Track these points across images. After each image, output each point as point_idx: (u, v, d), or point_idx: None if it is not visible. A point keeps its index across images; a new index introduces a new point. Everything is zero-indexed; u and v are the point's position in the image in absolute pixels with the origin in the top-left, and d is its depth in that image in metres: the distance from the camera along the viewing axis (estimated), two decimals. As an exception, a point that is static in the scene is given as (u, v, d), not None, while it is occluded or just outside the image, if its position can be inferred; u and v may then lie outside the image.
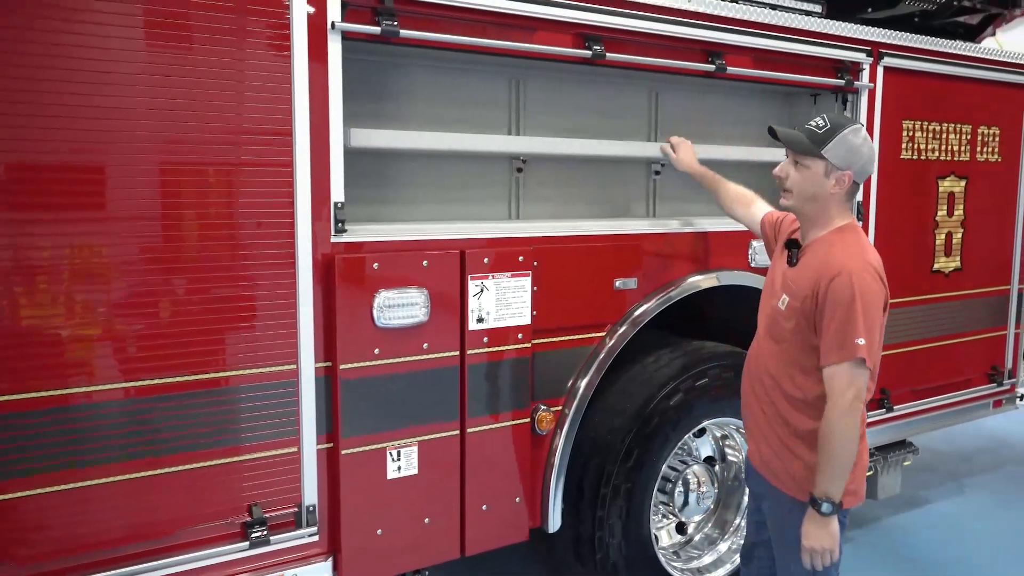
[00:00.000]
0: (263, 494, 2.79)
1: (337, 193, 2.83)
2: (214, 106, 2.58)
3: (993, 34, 5.77)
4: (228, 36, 2.58)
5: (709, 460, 4.14)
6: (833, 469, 2.65)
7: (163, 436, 2.61)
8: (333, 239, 2.83)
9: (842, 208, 2.81)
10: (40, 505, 2.44)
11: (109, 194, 2.46)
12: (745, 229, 3.62)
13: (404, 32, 2.88)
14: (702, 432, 4.06)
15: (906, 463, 4.89)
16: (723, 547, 4.07)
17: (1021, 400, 5.46)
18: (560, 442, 3.44)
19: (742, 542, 3.45)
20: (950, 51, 4.57)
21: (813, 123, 2.78)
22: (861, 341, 2.60)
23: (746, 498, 3.84)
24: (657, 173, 4.04)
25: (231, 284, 2.67)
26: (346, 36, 2.80)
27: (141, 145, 2.48)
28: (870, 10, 4.71)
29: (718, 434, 4.18)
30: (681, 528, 4.10)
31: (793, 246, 2.90)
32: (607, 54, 3.35)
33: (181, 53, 2.51)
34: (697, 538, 4.15)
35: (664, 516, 4.06)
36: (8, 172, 2.32)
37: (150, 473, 2.60)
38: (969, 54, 4.67)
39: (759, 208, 3.39)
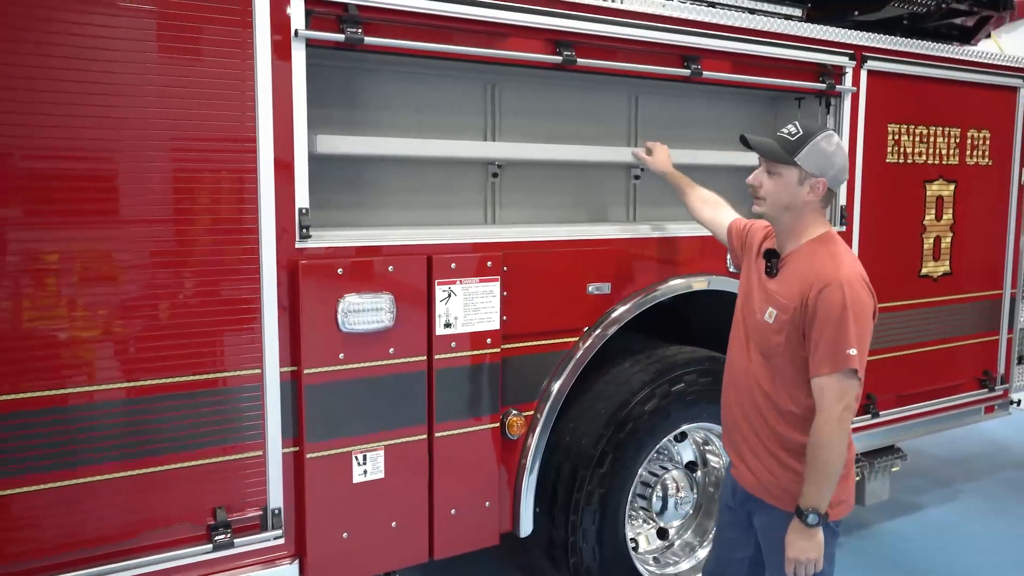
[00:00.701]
0: (228, 497, 2.82)
1: (302, 199, 2.85)
2: (178, 113, 2.61)
3: (988, 36, 5.73)
4: (192, 44, 2.62)
5: (691, 465, 4.13)
6: (823, 481, 2.63)
7: (128, 440, 2.64)
8: (298, 244, 2.85)
9: (818, 216, 2.79)
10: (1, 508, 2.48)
11: (75, 200, 2.50)
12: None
13: (369, 39, 2.90)
14: (683, 437, 4.06)
15: (894, 469, 4.85)
16: (702, 554, 4.05)
17: (1015, 405, 5.41)
18: (532, 447, 3.45)
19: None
20: (936, 54, 4.54)
21: (785, 130, 2.77)
22: (853, 351, 2.58)
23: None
24: (637, 178, 4.04)
25: (196, 289, 2.70)
26: (310, 44, 2.82)
27: (105, 153, 2.52)
28: (856, 13, 4.69)
29: (699, 439, 4.18)
30: (663, 533, 4.10)
31: (771, 256, 2.86)
32: (579, 59, 3.35)
33: (144, 61, 2.55)
34: (677, 543, 4.15)
35: (644, 521, 4.06)
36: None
37: (114, 476, 2.62)
38: (956, 57, 4.63)
39: (726, 214, 3.38)
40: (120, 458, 2.63)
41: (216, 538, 2.78)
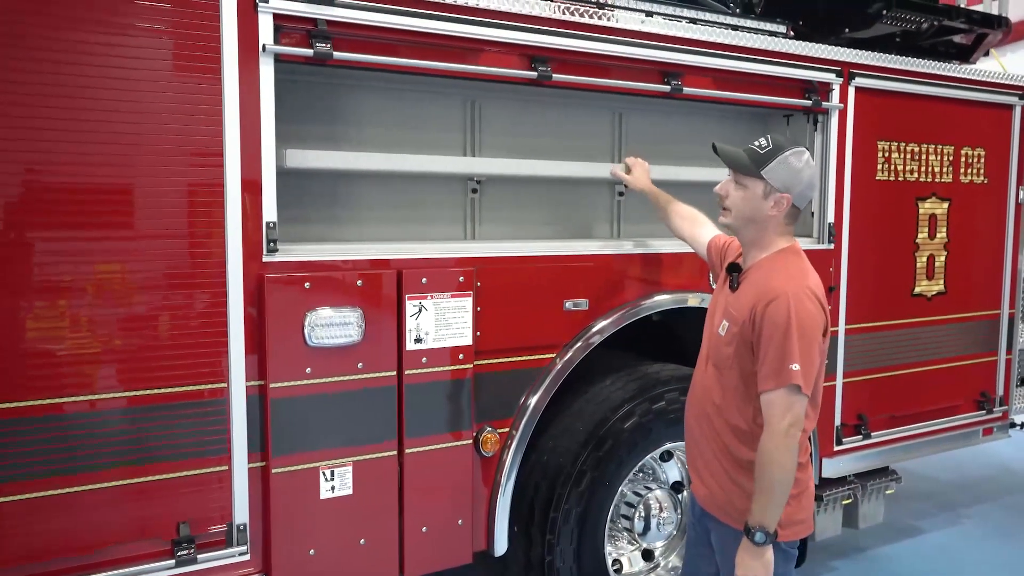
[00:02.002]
0: (193, 512, 2.80)
1: (269, 213, 2.85)
2: (144, 127, 2.62)
3: (987, 54, 5.68)
4: (159, 58, 2.63)
5: (678, 485, 4.07)
6: (768, 498, 2.60)
7: (92, 452, 2.63)
8: (265, 258, 2.85)
9: (782, 231, 2.79)
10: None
11: (39, 213, 2.51)
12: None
13: (339, 54, 2.91)
14: (669, 456, 4.01)
15: (889, 491, 4.75)
16: None
17: (1016, 428, 5.31)
18: (507, 464, 3.41)
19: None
20: (926, 71, 4.50)
21: (756, 143, 2.77)
22: (795, 367, 2.56)
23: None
24: (621, 194, 4.02)
25: (162, 302, 2.70)
26: (279, 58, 2.84)
27: (72, 167, 2.53)
28: (847, 30, 4.66)
29: (685, 459, 4.11)
30: (648, 555, 4.04)
31: (734, 270, 2.87)
32: (555, 75, 3.35)
33: (110, 76, 2.56)
34: (662, 565, 4.08)
35: (628, 542, 4.00)
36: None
37: (76, 489, 2.61)
38: (947, 74, 4.60)
39: (706, 231, 3.36)
40: (82, 471, 2.61)
41: (179, 554, 2.75)
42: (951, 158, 4.72)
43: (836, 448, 4.37)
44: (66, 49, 2.49)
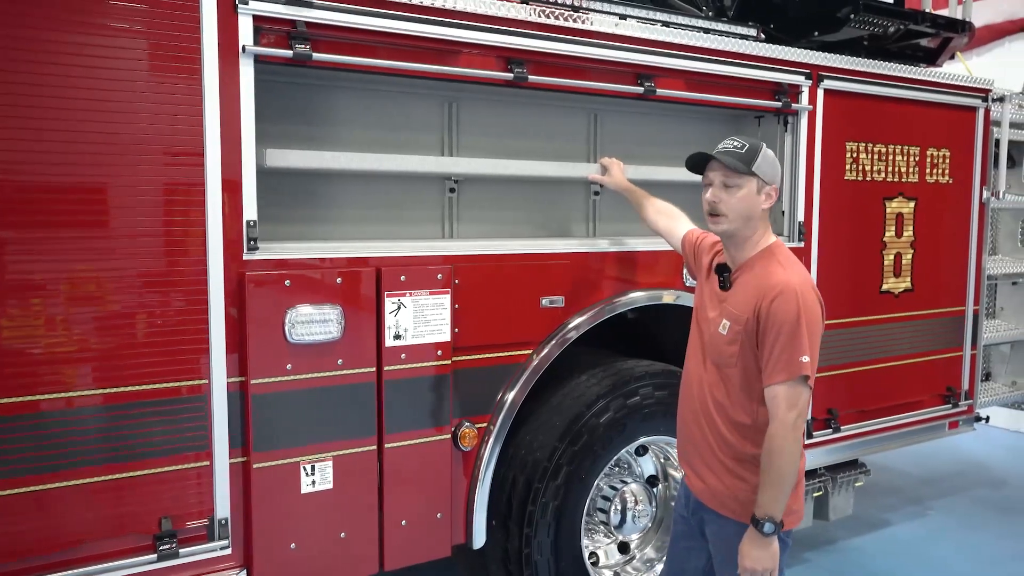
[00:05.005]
0: (174, 507, 2.83)
1: (250, 212, 2.88)
2: (125, 127, 2.65)
3: (952, 57, 5.81)
4: (139, 59, 2.66)
5: (653, 479, 4.15)
6: (777, 488, 2.64)
7: (75, 448, 2.65)
8: (245, 256, 2.88)
9: (767, 225, 2.87)
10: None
11: (26, 211, 2.53)
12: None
13: (318, 55, 2.95)
14: (644, 451, 4.08)
15: (858, 484, 4.86)
16: (661, 568, 4.06)
17: (981, 421, 5.44)
18: (485, 458, 3.47)
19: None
20: (892, 73, 4.61)
21: (732, 145, 2.83)
22: (806, 359, 2.62)
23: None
24: (597, 194, 4.10)
25: (143, 300, 2.73)
26: (259, 59, 2.88)
27: (53, 166, 2.55)
28: (816, 34, 4.76)
29: (660, 453, 4.19)
30: (624, 548, 4.11)
31: (723, 271, 2.90)
32: (531, 77, 3.41)
33: (92, 76, 2.59)
34: (638, 557, 4.15)
35: (605, 535, 4.07)
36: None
37: (59, 485, 2.63)
38: (913, 76, 4.71)
39: (681, 225, 3.42)
40: (65, 468, 2.64)
41: (161, 548, 2.78)
42: (917, 159, 4.84)
43: (807, 441, 4.45)
44: (46, 49, 2.52)
